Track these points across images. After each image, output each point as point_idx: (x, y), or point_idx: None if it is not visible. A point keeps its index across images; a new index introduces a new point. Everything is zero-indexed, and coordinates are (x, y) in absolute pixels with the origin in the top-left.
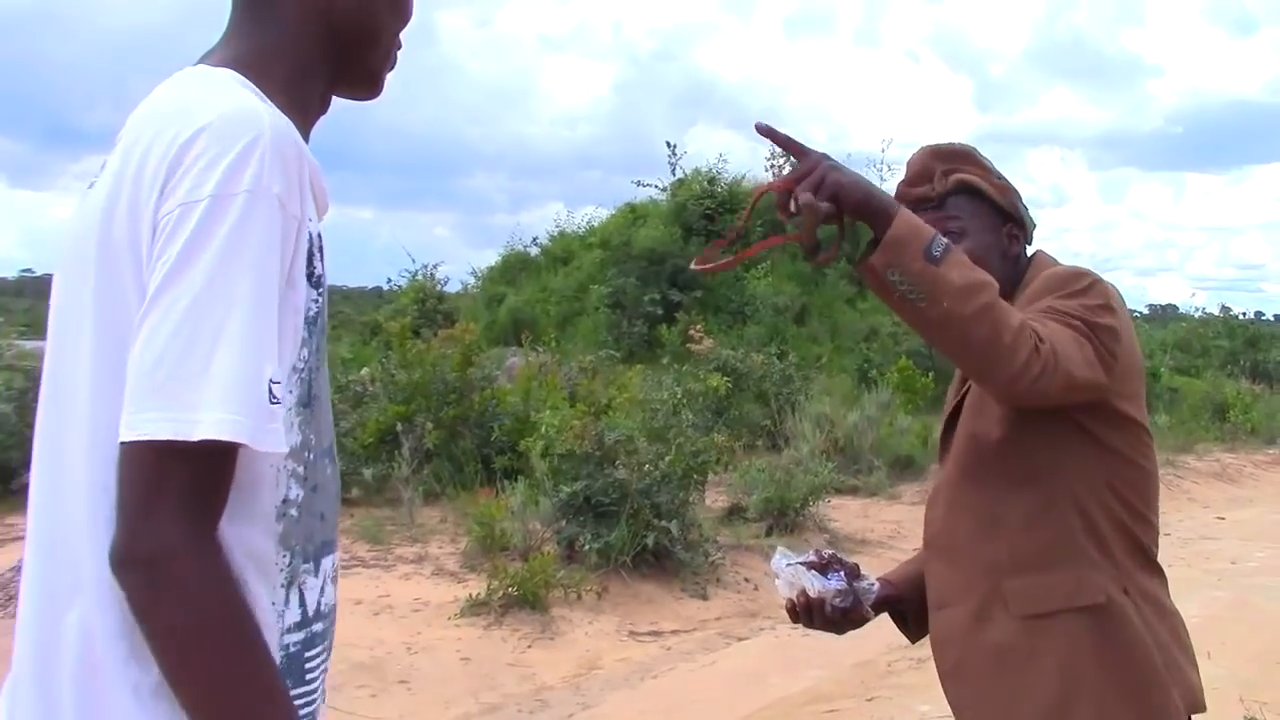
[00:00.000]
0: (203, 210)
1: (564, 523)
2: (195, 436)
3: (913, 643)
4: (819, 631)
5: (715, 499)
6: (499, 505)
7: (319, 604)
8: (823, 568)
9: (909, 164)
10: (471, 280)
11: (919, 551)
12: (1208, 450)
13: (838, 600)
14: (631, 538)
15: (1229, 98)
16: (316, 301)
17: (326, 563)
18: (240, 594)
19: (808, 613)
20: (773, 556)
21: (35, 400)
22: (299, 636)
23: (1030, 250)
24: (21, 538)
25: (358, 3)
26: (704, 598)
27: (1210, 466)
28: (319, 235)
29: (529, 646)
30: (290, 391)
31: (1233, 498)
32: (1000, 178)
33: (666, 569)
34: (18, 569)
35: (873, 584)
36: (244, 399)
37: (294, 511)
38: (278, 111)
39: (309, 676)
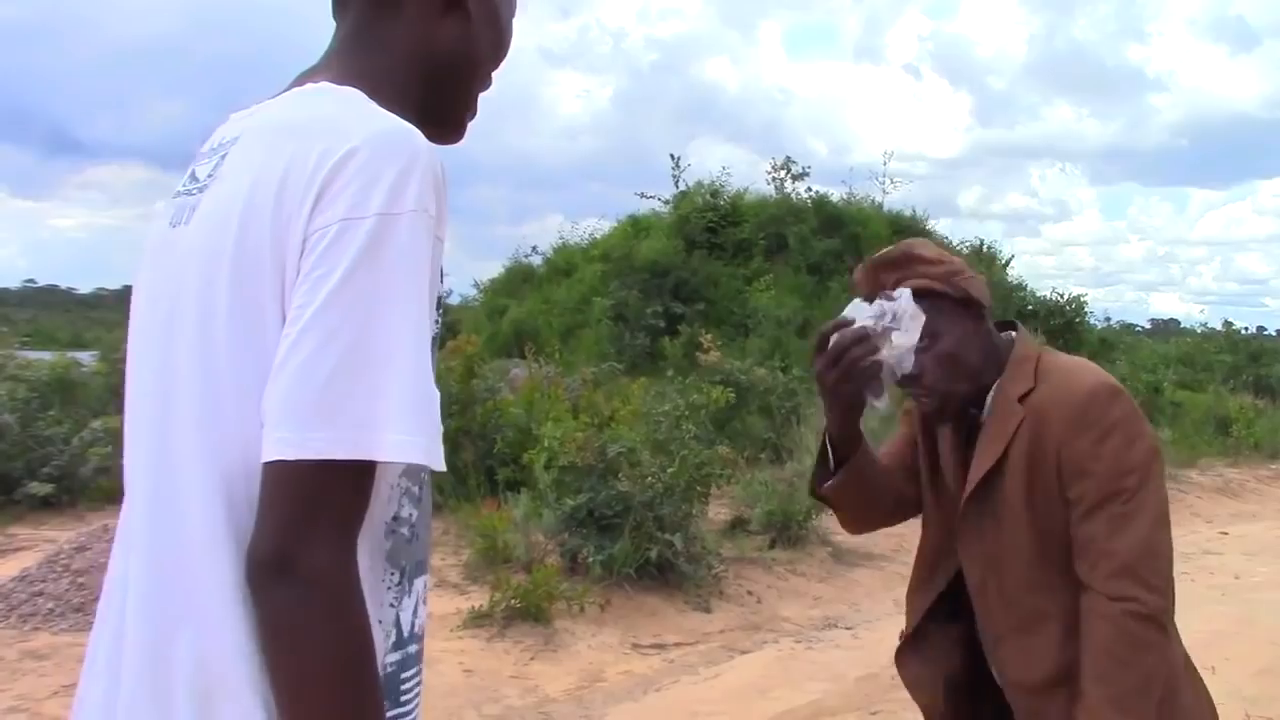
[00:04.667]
0: (369, 228)
1: (567, 535)
2: (382, 457)
3: (811, 493)
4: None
5: (718, 512)
6: (502, 517)
7: (414, 624)
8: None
9: (856, 283)
10: (474, 292)
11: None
12: (1211, 465)
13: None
14: (635, 550)
15: (1232, 112)
16: (438, 323)
17: (419, 583)
18: (369, 617)
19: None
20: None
21: (39, 410)
22: (396, 657)
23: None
24: (23, 548)
25: (462, 36)
26: (707, 610)
27: (1213, 481)
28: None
29: (532, 659)
30: None
31: (1236, 512)
32: (948, 262)
33: (670, 581)
34: (19, 579)
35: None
36: (421, 419)
37: (405, 530)
38: None
39: (404, 698)
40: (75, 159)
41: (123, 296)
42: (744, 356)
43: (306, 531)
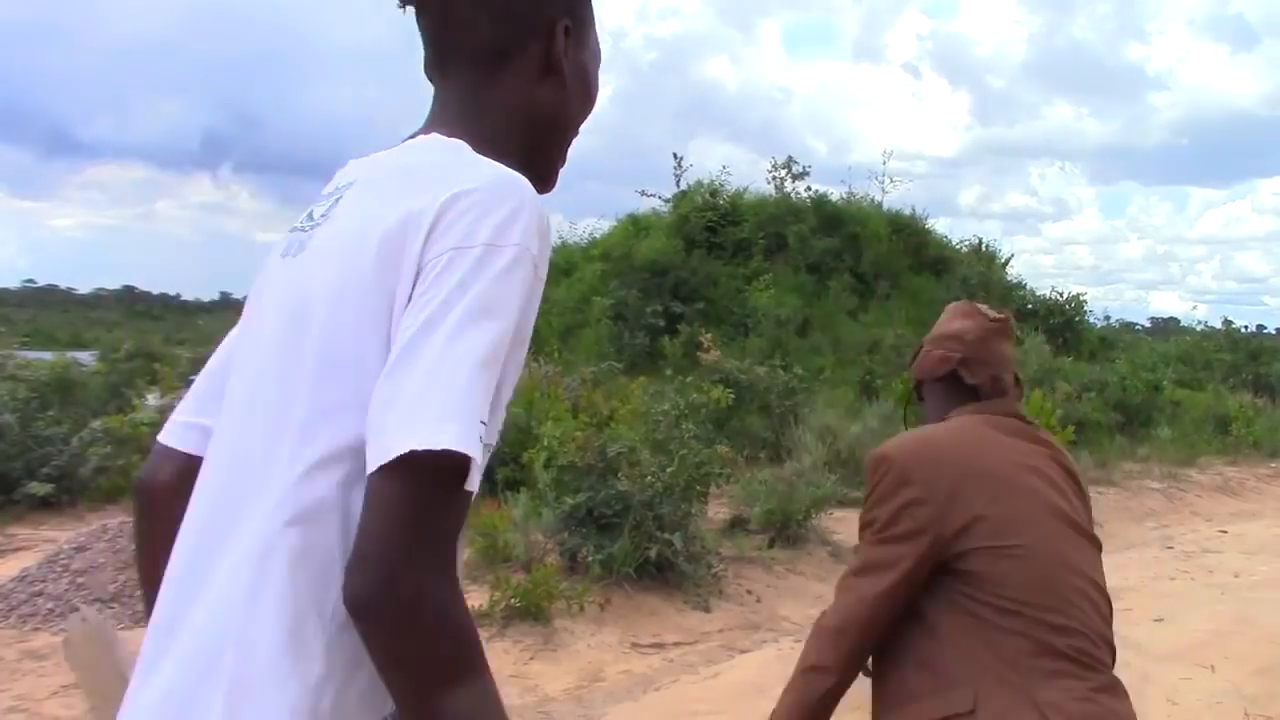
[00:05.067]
0: (475, 255)
1: (566, 534)
2: (439, 445)
3: None
4: None
5: (717, 511)
6: (501, 516)
7: None
8: None
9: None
10: None
11: None
12: (1210, 463)
13: None
14: (634, 549)
15: (1231, 111)
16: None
17: None
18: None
19: None
20: None
21: (38, 410)
22: None
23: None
24: (23, 548)
25: (558, 97)
26: (706, 610)
27: (1213, 480)
28: None
29: (531, 658)
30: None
31: (1236, 511)
32: (931, 345)
33: (669, 581)
34: (19, 579)
35: None
36: (464, 438)
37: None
38: None
39: None
40: (75, 159)
41: (122, 296)
42: (743, 356)
43: (409, 552)
